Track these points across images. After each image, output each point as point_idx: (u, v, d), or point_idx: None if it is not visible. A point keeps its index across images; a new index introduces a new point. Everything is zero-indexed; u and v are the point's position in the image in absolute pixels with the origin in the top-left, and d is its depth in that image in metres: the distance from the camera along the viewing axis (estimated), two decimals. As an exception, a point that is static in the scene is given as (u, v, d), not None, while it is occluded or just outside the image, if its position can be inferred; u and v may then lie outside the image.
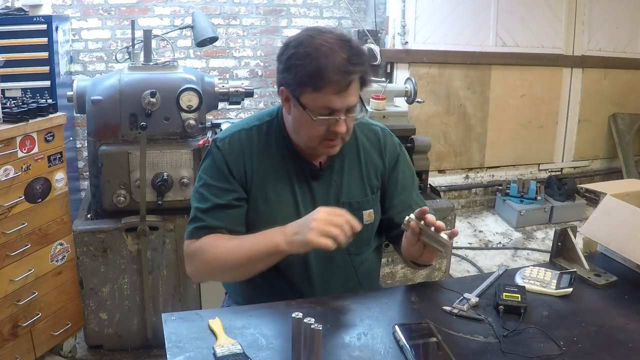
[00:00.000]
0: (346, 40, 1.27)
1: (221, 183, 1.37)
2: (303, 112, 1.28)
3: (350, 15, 3.96)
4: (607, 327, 1.21)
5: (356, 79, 1.26)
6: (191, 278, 1.43)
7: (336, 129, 1.28)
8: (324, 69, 1.22)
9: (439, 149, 4.20)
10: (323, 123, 1.28)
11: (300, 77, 1.25)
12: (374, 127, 1.51)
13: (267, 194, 1.38)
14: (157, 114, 2.24)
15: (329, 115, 1.27)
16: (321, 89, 1.24)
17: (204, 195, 1.37)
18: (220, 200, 1.35)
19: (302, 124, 1.31)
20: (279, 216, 1.36)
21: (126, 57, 2.52)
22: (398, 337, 1.12)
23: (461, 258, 3.54)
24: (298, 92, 1.27)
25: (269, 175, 1.38)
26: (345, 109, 1.27)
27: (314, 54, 1.23)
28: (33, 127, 2.06)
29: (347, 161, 1.43)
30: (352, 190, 1.42)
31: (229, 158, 1.37)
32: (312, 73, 1.23)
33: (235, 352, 1.07)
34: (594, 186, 1.78)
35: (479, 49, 4.09)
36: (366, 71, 1.28)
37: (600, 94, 4.57)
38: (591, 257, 1.54)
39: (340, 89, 1.24)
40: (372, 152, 1.47)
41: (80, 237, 2.26)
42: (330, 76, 1.22)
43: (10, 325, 2.07)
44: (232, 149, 1.38)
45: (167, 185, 2.26)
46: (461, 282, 1.45)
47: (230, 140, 1.39)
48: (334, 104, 1.25)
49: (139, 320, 2.41)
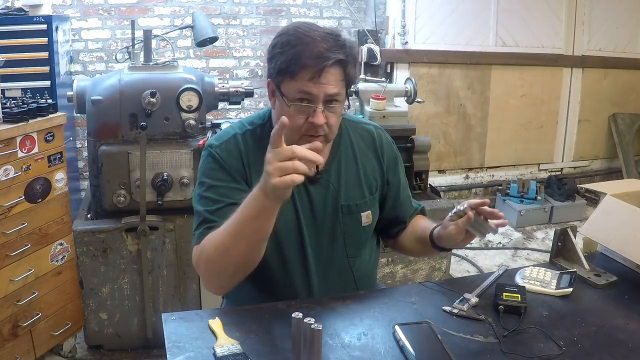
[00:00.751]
0: (334, 34, 1.26)
1: (228, 183, 1.33)
2: (283, 103, 1.27)
3: (350, 15, 3.96)
4: (607, 327, 1.21)
5: (334, 68, 1.24)
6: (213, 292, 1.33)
7: (313, 119, 1.24)
8: (301, 55, 1.21)
9: (439, 149, 4.20)
10: (300, 112, 1.25)
11: (279, 64, 1.24)
12: (368, 126, 1.50)
13: None
14: (157, 114, 2.24)
15: (306, 103, 1.24)
16: (296, 75, 1.23)
17: (211, 197, 1.32)
18: (230, 200, 1.30)
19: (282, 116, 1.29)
20: (279, 221, 1.31)
21: (126, 57, 2.52)
22: (398, 337, 1.12)
23: (461, 258, 3.54)
24: (279, 81, 1.27)
25: None
26: (322, 98, 1.24)
27: (294, 42, 1.23)
28: (33, 127, 2.06)
29: (344, 163, 1.42)
30: (350, 193, 1.41)
31: (229, 162, 1.35)
32: (289, 59, 1.22)
33: (235, 352, 1.07)
34: (594, 186, 1.79)
35: (479, 49, 4.09)
36: (346, 61, 1.25)
37: (600, 94, 4.57)
38: (591, 257, 1.54)
39: (314, 74, 1.22)
40: (368, 153, 1.46)
41: (80, 237, 2.26)
42: (305, 62, 1.21)
43: (10, 325, 2.07)
44: (230, 154, 1.35)
45: (167, 185, 2.26)
46: (461, 282, 1.45)
47: (227, 145, 1.36)
48: (309, 89, 1.23)
49: (139, 320, 2.40)
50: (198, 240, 1.29)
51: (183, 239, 2.34)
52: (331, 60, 1.22)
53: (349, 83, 1.30)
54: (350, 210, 1.40)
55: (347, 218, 1.40)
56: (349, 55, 1.26)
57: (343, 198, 1.40)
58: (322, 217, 1.39)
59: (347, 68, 1.27)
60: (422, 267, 2.74)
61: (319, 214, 1.39)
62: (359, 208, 1.42)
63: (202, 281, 1.32)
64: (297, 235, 1.37)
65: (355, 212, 1.41)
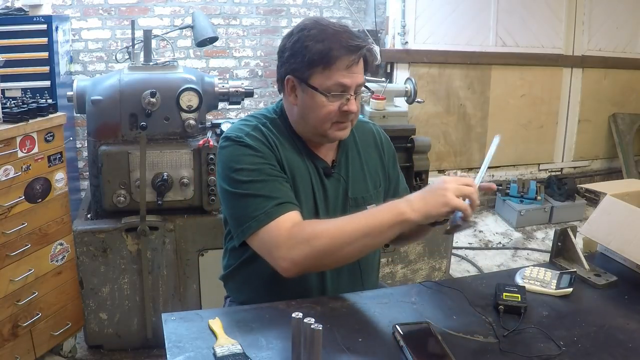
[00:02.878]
0: (346, 26, 1.32)
1: (271, 161, 1.29)
2: (314, 95, 1.29)
3: (350, 15, 3.96)
4: (607, 327, 1.21)
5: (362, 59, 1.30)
6: (291, 267, 1.20)
7: (349, 108, 1.30)
8: (332, 46, 1.25)
9: (439, 149, 4.20)
10: (335, 102, 1.29)
11: (309, 57, 1.26)
12: (367, 124, 1.55)
13: (296, 186, 1.35)
14: (157, 114, 2.24)
15: (341, 93, 1.29)
16: (332, 66, 1.26)
17: (255, 181, 1.25)
18: (281, 176, 1.28)
19: (312, 108, 1.31)
20: (304, 209, 1.33)
21: (126, 57, 2.52)
22: (398, 337, 1.12)
23: (461, 258, 3.54)
24: (307, 75, 1.28)
25: (294, 169, 1.35)
26: (355, 87, 1.30)
27: (319, 35, 1.27)
28: (33, 127, 2.06)
29: (350, 157, 1.45)
30: (357, 186, 1.44)
31: (260, 147, 1.30)
32: (321, 51, 1.25)
33: (235, 352, 1.07)
34: (594, 186, 1.78)
35: (479, 49, 4.09)
36: (370, 49, 1.31)
37: (600, 94, 4.57)
38: (591, 257, 1.54)
39: (351, 63, 1.27)
40: (369, 148, 1.50)
41: (80, 237, 2.26)
42: (340, 52, 1.25)
43: (10, 325, 2.07)
44: (258, 141, 1.31)
45: (167, 185, 2.26)
46: (461, 282, 1.45)
47: (253, 135, 1.32)
48: (345, 80, 1.27)
49: (139, 320, 2.40)
50: (272, 216, 1.21)
51: (183, 239, 2.34)
52: (364, 49, 1.28)
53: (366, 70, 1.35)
54: (357, 203, 1.42)
55: (354, 211, 1.40)
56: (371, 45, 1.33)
57: (351, 191, 1.42)
58: (334, 210, 1.40)
59: (369, 57, 1.32)
60: (422, 267, 2.74)
61: (332, 206, 1.41)
62: (365, 201, 1.43)
63: (294, 252, 1.18)
64: None
65: (362, 205, 1.42)
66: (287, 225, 1.22)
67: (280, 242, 1.20)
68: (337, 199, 1.41)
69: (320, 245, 1.18)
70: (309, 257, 1.19)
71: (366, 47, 1.28)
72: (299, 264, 1.19)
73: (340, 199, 1.41)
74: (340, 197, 1.41)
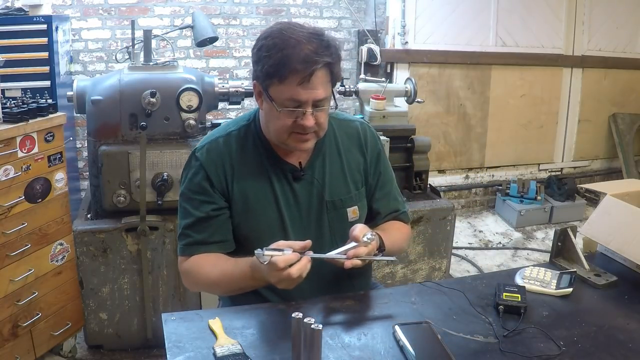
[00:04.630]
0: (317, 34, 1.27)
1: (200, 196, 1.38)
2: (271, 104, 1.28)
3: (350, 15, 3.96)
4: (607, 327, 1.21)
5: (322, 71, 1.25)
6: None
7: (303, 123, 1.28)
8: (289, 59, 1.22)
9: (439, 149, 4.20)
10: (289, 115, 1.28)
11: (267, 68, 1.25)
12: (353, 122, 1.51)
13: (248, 199, 1.39)
14: (157, 114, 2.24)
15: (295, 108, 1.26)
16: (285, 80, 1.24)
17: (187, 210, 1.40)
18: (200, 214, 1.38)
19: (271, 117, 1.31)
20: (262, 220, 1.38)
21: (126, 57, 2.52)
22: (398, 337, 1.12)
23: (461, 258, 3.54)
24: (266, 85, 1.28)
25: (249, 180, 1.39)
26: (311, 102, 1.26)
27: (280, 45, 1.23)
28: (33, 127, 2.06)
29: (328, 159, 1.44)
30: (335, 188, 1.43)
31: (208, 167, 1.38)
32: (277, 63, 1.23)
33: (235, 352, 1.07)
34: (594, 186, 1.78)
35: (479, 49, 4.09)
36: (333, 63, 1.26)
37: (600, 94, 4.57)
38: (591, 257, 1.54)
39: (304, 79, 1.23)
40: (352, 148, 1.48)
41: (80, 237, 2.26)
42: (294, 66, 1.21)
43: (10, 325, 2.07)
44: (210, 158, 1.38)
45: (167, 185, 2.26)
46: (461, 282, 1.45)
47: (208, 148, 1.40)
48: (298, 96, 1.25)
49: (139, 320, 2.40)
50: (181, 253, 1.42)
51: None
52: (319, 64, 1.23)
53: (334, 82, 1.31)
54: (335, 205, 1.42)
55: (332, 214, 1.42)
56: (335, 56, 1.27)
57: (328, 194, 1.42)
58: (307, 214, 1.41)
59: (334, 69, 1.28)
60: (422, 267, 2.74)
61: (305, 210, 1.41)
62: (344, 203, 1.43)
63: (183, 281, 1.47)
64: (281, 234, 1.39)
65: (341, 208, 1.43)
66: (183, 265, 1.42)
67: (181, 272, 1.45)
68: (310, 202, 1.41)
69: (195, 282, 1.42)
70: (189, 286, 1.50)
71: (323, 63, 1.23)
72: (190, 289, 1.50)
73: (315, 201, 1.41)
74: (314, 200, 1.41)
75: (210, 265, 1.36)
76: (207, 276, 1.35)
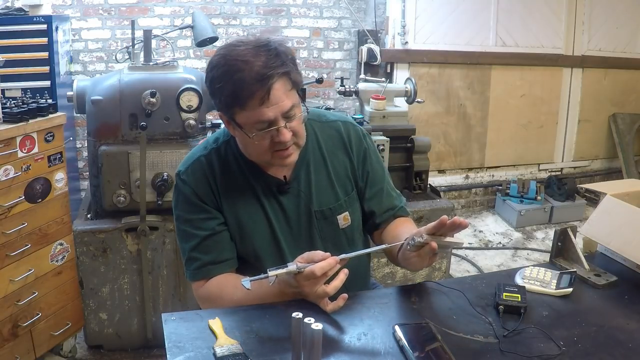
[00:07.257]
0: (262, 44, 1.22)
1: (198, 214, 1.35)
2: (242, 132, 1.25)
3: (350, 15, 3.96)
4: (607, 327, 1.21)
5: (279, 82, 1.20)
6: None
7: (280, 139, 1.24)
8: (242, 83, 1.18)
9: (439, 149, 4.20)
10: (264, 137, 1.24)
11: (224, 99, 1.22)
12: (334, 123, 1.45)
13: (238, 216, 1.36)
14: (157, 114, 2.24)
15: (267, 128, 1.23)
16: (246, 105, 1.20)
17: (188, 231, 1.36)
18: (204, 232, 1.34)
19: (247, 143, 1.29)
20: (255, 235, 1.36)
21: (126, 57, 2.52)
22: (398, 337, 1.12)
23: (461, 258, 3.54)
24: (230, 114, 1.25)
25: (236, 196, 1.36)
26: (280, 116, 1.22)
27: (229, 71, 1.19)
28: (33, 127, 2.06)
29: (313, 168, 1.40)
30: (323, 197, 1.40)
31: (197, 187, 1.35)
32: (232, 92, 1.19)
33: (235, 352, 1.07)
34: (594, 186, 1.78)
35: (479, 49, 4.09)
36: (288, 70, 1.21)
37: (600, 94, 4.57)
38: (591, 257, 1.54)
39: (263, 98, 1.19)
40: (338, 152, 1.43)
41: (80, 237, 2.26)
42: (249, 89, 1.18)
43: (10, 325, 2.07)
44: (196, 178, 1.35)
45: (167, 185, 2.26)
46: (461, 282, 1.45)
47: (192, 169, 1.36)
48: (265, 116, 1.21)
49: (139, 320, 2.41)
50: (193, 279, 1.37)
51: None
52: (274, 77, 1.19)
53: (297, 86, 1.26)
54: (324, 215, 1.40)
55: (322, 223, 1.40)
56: (287, 63, 1.22)
57: (315, 204, 1.39)
58: (297, 225, 1.39)
59: (291, 75, 1.23)
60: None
61: (294, 222, 1.39)
62: (334, 212, 1.41)
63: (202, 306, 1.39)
64: (274, 246, 1.38)
65: (330, 216, 1.40)
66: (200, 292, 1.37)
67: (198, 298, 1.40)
68: (298, 214, 1.38)
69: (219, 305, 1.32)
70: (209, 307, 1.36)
71: (278, 75, 1.19)
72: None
73: (303, 213, 1.39)
74: (302, 212, 1.39)
75: (231, 287, 1.30)
76: (230, 299, 1.29)
